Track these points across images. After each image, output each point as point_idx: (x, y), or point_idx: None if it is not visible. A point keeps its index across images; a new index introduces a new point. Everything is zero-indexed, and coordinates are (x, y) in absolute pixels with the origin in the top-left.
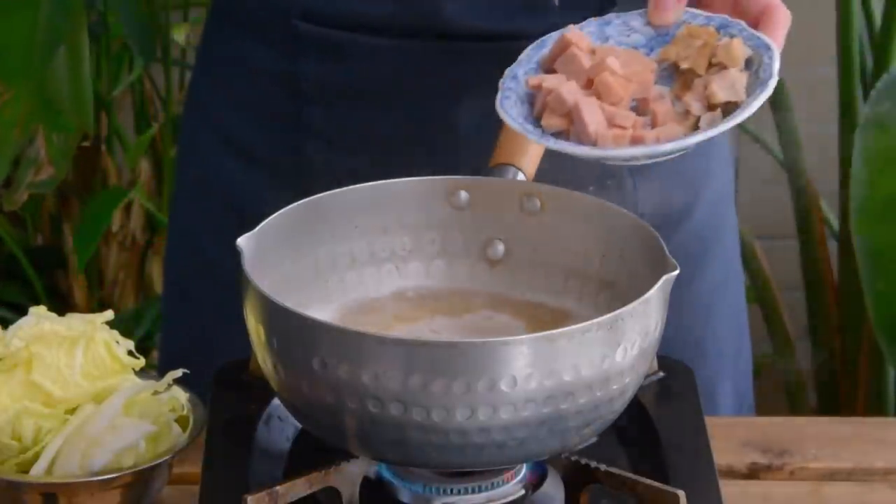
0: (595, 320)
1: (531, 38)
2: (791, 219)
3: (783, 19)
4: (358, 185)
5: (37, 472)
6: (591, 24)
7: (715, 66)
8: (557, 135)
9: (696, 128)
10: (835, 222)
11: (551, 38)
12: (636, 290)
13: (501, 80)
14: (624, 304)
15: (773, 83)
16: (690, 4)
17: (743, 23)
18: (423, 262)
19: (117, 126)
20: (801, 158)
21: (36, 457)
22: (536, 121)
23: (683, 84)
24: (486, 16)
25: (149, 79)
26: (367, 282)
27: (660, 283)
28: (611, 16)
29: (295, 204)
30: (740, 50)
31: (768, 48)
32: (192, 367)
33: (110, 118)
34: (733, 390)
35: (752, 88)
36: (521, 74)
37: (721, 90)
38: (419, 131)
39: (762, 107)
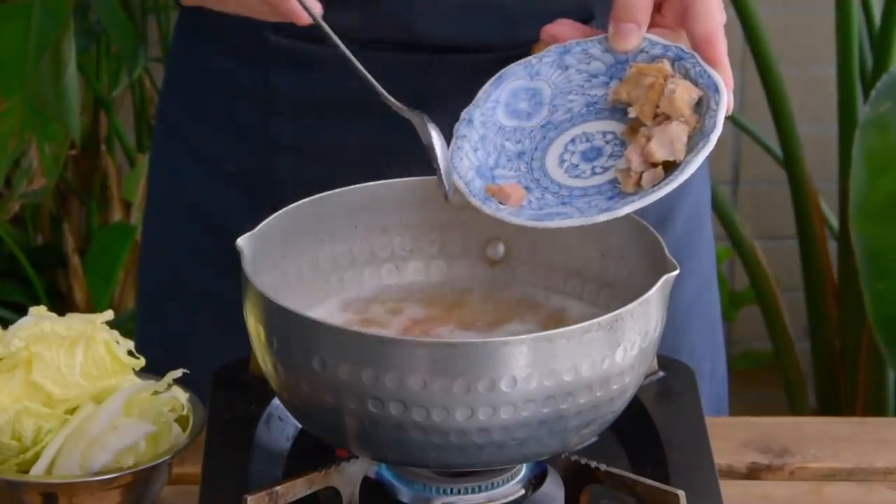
0: (595, 320)
1: (503, 49)
2: (791, 219)
3: (723, 45)
4: (358, 185)
5: (37, 472)
6: (551, 53)
7: (660, 115)
8: None
9: (639, 182)
10: (835, 222)
11: (509, 72)
12: (636, 290)
13: (456, 126)
14: (624, 304)
15: (715, 136)
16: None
17: (697, 56)
18: (423, 262)
19: (117, 126)
20: (801, 158)
21: (36, 457)
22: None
23: (632, 129)
24: (457, 28)
25: (149, 79)
26: (367, 282)
27: (660, 283)
28: (571, 43)
29: (295, 204)
30: (684, 100)
31: (717, 90)
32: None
33: (110, 118)
34: (709, 406)
35: (697, 140)
36: (476, 118)
37: (660, 148)
38: (390, 143)
39: (762, 107)
